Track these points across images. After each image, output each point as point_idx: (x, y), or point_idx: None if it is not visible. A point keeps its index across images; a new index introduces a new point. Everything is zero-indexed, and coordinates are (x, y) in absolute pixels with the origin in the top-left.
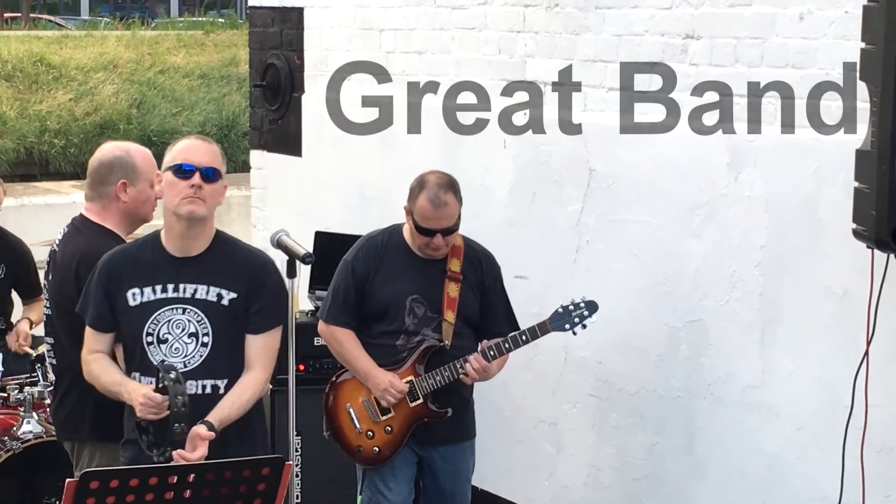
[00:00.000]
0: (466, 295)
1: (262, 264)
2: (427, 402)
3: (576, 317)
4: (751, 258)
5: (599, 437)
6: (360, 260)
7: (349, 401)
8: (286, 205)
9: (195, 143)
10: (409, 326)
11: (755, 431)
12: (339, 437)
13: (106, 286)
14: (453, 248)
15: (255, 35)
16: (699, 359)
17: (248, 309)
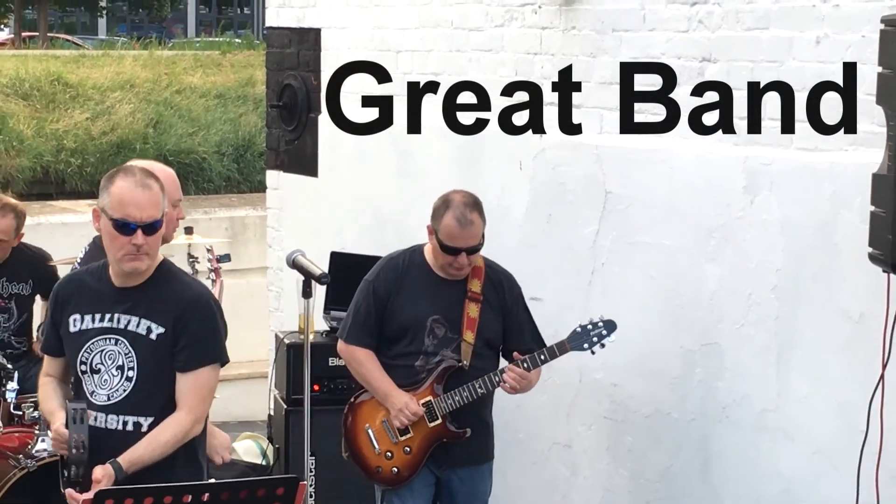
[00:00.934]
0: (487, 316)
1: (193, 298)
2: (446, 422)
3: (594, 336)
4: (767, 281)
5: (614, 460)
6: (381, 280)
7: (368, 421)
8: (302, 225)
9: (136, 195)
10: (428, 347)
11: (770, 455)
12: (358, 458)
13: (54, 311)
14: (474, 268)
15: (272, 56)
16: (714, 382)
17: (175, 345)
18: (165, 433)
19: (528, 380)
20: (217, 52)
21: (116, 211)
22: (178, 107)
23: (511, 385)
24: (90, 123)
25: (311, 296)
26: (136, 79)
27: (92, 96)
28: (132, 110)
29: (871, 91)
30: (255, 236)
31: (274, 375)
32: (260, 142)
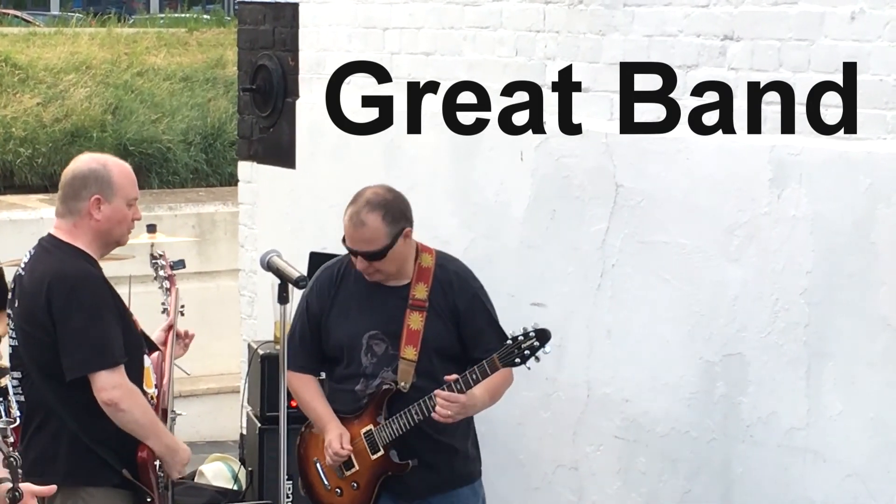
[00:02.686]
0: (434, 325)
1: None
2: (388, 453)
3: (526, 349)
4: (796, 285)
5: (626, 484)
6: (314, 295)
7: (317, 455)
8: (278, 222)
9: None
10: (366, 368)
11: (800, 479)
12: (311, 494)
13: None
14: (420, 270)
15: (245, 33)
16: (737, 397)
17: None
18: None
19: (461, 403)
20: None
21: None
22: (140, 91)
23: (440, 412)
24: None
25: (287, 301)
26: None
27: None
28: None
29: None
30: (225, 235)
31: (246, 390)
32: (231, 129)
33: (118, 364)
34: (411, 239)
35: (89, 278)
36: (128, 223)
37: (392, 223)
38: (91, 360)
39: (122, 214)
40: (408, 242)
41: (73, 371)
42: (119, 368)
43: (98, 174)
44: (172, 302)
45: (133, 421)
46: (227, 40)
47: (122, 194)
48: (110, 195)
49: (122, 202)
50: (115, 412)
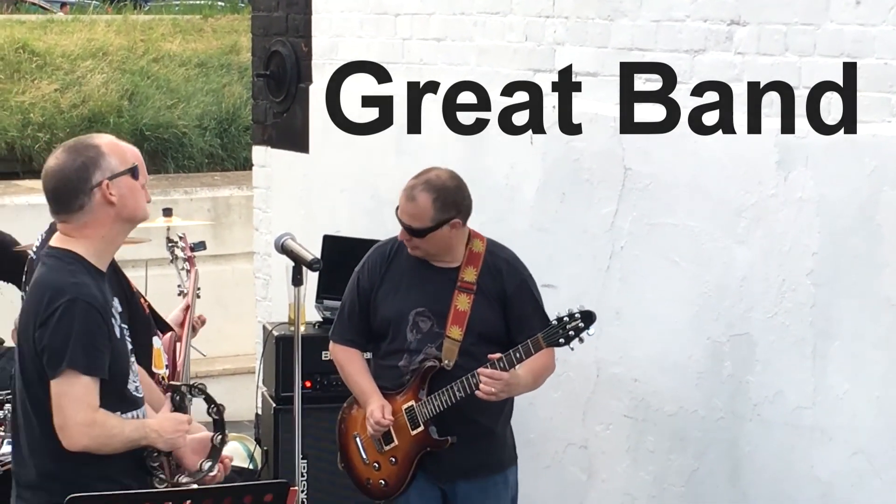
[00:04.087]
0: (481, 308)
1: None
2: (428, 429)
3: (571, 329)
4: (802, 266)
5: (635, 462)
6: (365, 270)
7: (357, 429)
8: (292, 206)
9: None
10: (410, 344)
11: (806, 457)
12: (350, 469)
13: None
14: (471, 255)
15: (259, 20)
16: (745, 376)
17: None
18: None
19: (504, 381)
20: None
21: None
22: (156, 77)
23: (484, 390)
24: (59, 95)
25: (301, 283)
26: (110, 46)
27: (61, 65)
28: (105, 81)
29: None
30: (240, 218)
31: (262, 371)
32: (245, 115)
33: None
34: (462, 229)
35: None
36: None
37: (440, 209)
38: None
39: None
40: (455, 232)
41: None
42: None
43: None
44: (191, 283)
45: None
46: (241, 27)
47: None
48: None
49: None
50: None
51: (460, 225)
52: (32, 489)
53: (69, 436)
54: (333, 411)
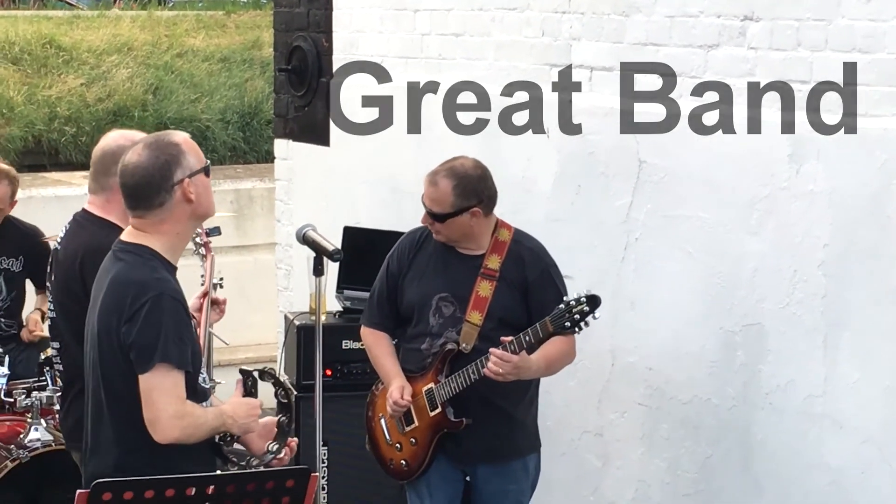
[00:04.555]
0: (503, 294)
1: None
2: (445, 410)
3: (576, 313)
4: (813, 257)
5: (649, 450)
6: (395, 256)
7: (382, 411)
8: (313, 198)
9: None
10: (433, 328)
11: (817, 444)
12: (375, 449)
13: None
14: (496, 243)
15: (280, 16)
16: (757, 366)
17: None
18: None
19: (513, 362)
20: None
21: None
22: (180, 71)
23: (491, 369)
24: (85, 89)
25: (322, 274)
26: (135, 41)
27: (87, 60)
28: (130, 75)
29: None
30: (262, 210)
31: (283, 360)
32: (267, 109)
33: None
34: (487, 217)
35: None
36: None
37: (460, 196)
38: None
39: None
40: (477, 219)
41: None
42: None
43: (127, 150)
44: (208, 268)
45: None
46: (263, 22)
47: None
48: None
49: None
50: None
51: (480, 214)
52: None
53: (161, 429)
54: (353, 399)
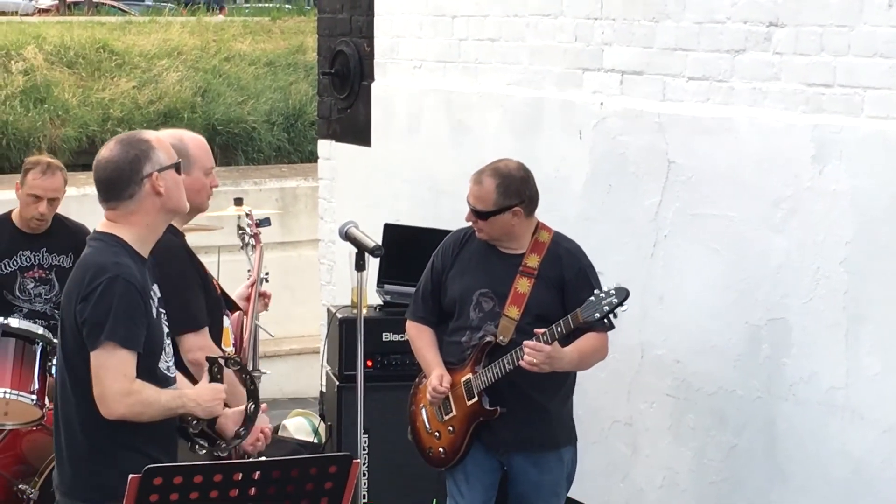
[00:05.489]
0: (540, 292)
1: None
2: (481, 399)
3: (605, 305)
4: (836, 255)
5: (676, 439)
6: (440, 253)
7: (423, 402)
8: (355, 196)
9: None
10: (472, 321)
11: (839, 435)
12: (416, 438)
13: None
14: (536, 244)
15: (324, 21)
16: (781, 359)
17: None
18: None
19: (546, 353)
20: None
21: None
22: (227, 75)
23: (526, 360)
24: (137, 92)
25: (364, 269)
26: (184, 46)
27: (138, 64)
28: (180, 78)
29: None
30: (306, 208)
31: (326, 351)
32: (311, 110)
33: (203, 327)
34: (528, 218)
35: (172, 249)
36: (207, 191)
37: (503, 195)
38: (178, 324)
39: (201, 183)
40: (518, 219)
41: None
42: (203, 331)
43: (175, 149)
44: (257, 259)
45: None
46: (307, 28)
47: (200, 165)
48: (189, 167)
49: (200, 172)
50: (199, 371)
51: (522, 213)
52: (67, 463)
53: (107, 404)
54: (393, 389)
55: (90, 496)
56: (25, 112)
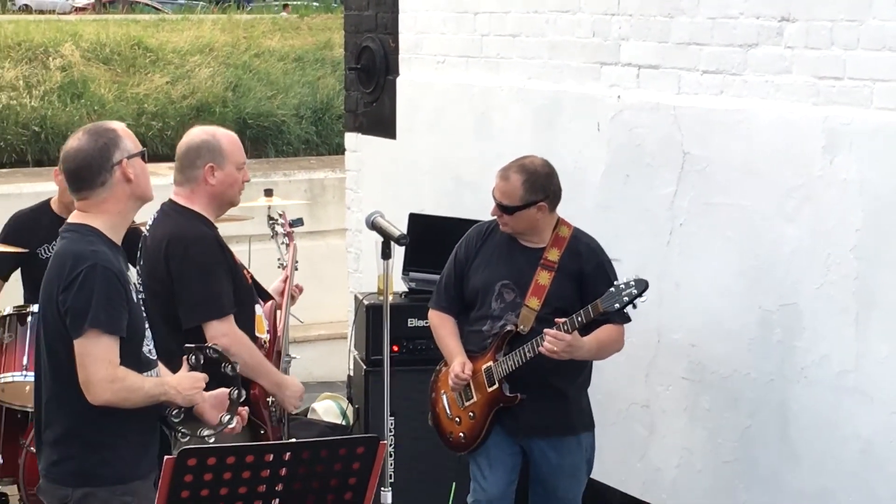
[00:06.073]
0: (560, 284)
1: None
2: (501, 386)
3: (625, 296)
4: (846, 242)
5: (692, 420)
6: (463, 245)
7: (445, 388)
8: (380, 187)
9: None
10: (494, 311)
11: (849, 416)
12: (436, 424)
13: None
14: (556, 238)
15: (350, 18)
16: (793, 342)
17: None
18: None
19: (566, 341)
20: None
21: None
22: (257, 70)
23: (546, 347)
24: (170, 87)
25: (390, 257)
26: (215, 43)
27: (172, 60)
28: (211, 74)
29: None
30: (333, 198)
31: (353, 336)
32: (338, 104)
33: (227, 314)
34: (551, 213)
35: (203, 239)
36: (239, 185)
37: (529, 190)
38: (203, 311)
39: (234, 178)
40: (542, 214)
41: (188, 321)
42: (228, 318)
43: (209, 144)
44: (290, 256)
45: (242, 363)
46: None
47: (232, 160)
48: (222, 162)
49: (232, 167)
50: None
51: (546, 209)
52: (53, 445)
53: (93, 391)
54: (418, 373)
55: (74, 481)
56: (63, 107)
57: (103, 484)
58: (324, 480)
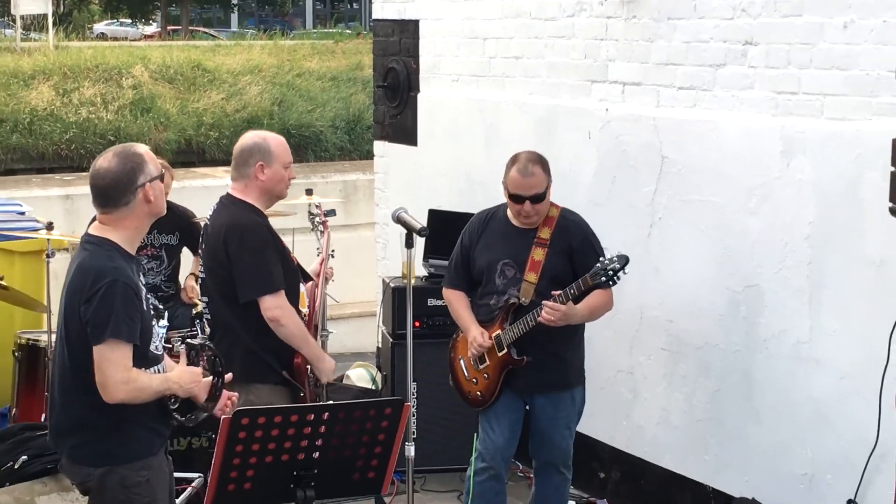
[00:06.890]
0: (553, 258)
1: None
2: (510, 351)
3: (610, 270)
4: (801, 233)
5: (670, 385)
6: (467, 231)
7: (461, 354)
8: (404, 187)
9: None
10: (498, 287)
11: (804, 381)
12: (456, 384)
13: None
14: (547, 218)
15: (378, 43)
16: (756, 318)
17: None
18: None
19: (562, 311)
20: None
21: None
22: (299, 88)
23: (544, 316)
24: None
25: (412, 246)
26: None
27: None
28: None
29: (892, 68)
30: (364, 197)
31: (381, 314)
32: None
33: (279, 290)
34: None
35: (256, 226)
36: (285, 182)
37: (547, 174)
38: (259, 287)
39: (280, 175)
40: (549, 192)
41: (245, 296)
42: (280, 293)
43: (260, 146)
44: (325, 242)
45: (290, 334)
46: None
47: (280, 160)
48: (270, 161)
49: (279, 166)
50: (277, 326)
51: (550, 187)
52: (68, 433)
53: (109, 392)
54: (437, 345)
55: (95, 461)
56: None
57: (121, 462)
58: (357, 436)
